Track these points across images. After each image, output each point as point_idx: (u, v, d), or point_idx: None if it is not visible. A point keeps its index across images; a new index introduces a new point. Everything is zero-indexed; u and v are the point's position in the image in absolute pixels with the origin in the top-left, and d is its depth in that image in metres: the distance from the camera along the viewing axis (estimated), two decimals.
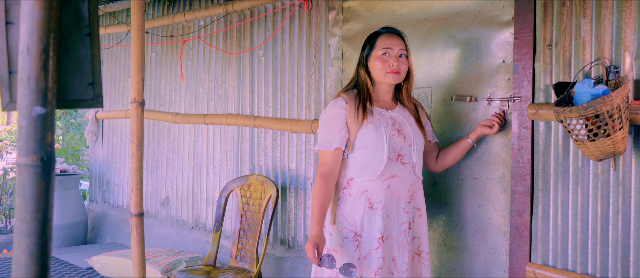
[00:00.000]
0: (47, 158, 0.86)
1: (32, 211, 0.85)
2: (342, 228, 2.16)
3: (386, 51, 2.20)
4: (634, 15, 2.19)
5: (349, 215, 2.17)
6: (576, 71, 2.34)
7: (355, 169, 2.18)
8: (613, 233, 2.26)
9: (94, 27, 1.04)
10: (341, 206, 2.19)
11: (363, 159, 2.16)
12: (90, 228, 5.25)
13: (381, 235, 2.15)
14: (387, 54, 2.20)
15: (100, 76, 1.05)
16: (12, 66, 0.95)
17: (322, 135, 2.19)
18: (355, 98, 2.20)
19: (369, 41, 2.27)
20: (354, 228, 2.16)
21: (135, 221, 2.19)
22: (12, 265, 0.86)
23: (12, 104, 0.96)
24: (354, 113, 2.16)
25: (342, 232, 2.16)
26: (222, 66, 4.03)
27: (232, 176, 3.94)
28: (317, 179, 2.16)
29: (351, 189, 2.19)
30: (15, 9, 0.95)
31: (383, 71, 2.20)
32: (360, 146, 2.17)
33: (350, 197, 2.19)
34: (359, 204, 2.16)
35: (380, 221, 2.15)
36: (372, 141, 2.15)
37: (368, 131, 2.15)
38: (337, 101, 2.22)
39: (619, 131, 2.02)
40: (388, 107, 2.28)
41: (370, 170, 2.15)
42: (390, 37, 2.23)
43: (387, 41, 2.22)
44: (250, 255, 3.35)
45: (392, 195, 2.19)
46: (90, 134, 5.38)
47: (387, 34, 2.25)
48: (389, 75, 2.20)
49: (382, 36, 2.24)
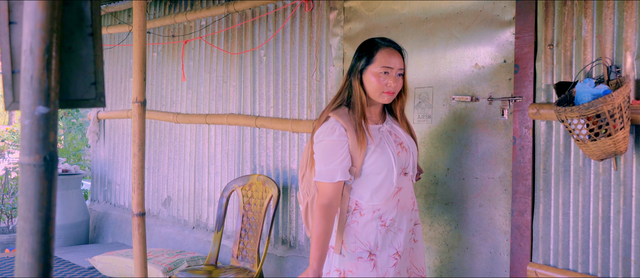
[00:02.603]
0: (49, 157, 0.86)
1: (35, 210, 0.85)
2: (356, 248, 2.04)
3: (386, 71, 2.01)
4: (635, 15, 2.19)
5: (361, 234, 2.04)
6: (577, 71, 2.34)
7: (364, 194, 2.04)
8: (614, 233, 2.26)
9: (97, 27, 1.04)
10: (352, 226, 2.06)
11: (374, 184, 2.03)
12: (92, 228, 5.26)
13: (396, 251, 2.06)
14: (386, 74, 2.01)
15: (102, 76, 1.05)
16: (15, 66, 0.96)
17: (322, 165, 2.00)
18: (349, 120, 2.02)
19: (366, 52, 2.07)
20: (368, 248, 2.04)
21: (136, 221, 2.19)
22: (15, 264, 0.86)
23: (15, 103, 0.96)
24: (356, 139, 1.99)
25: (355, 252, 2.04)
26: (224, 65, 4.03)
27: (234, 176, 3.94)
28: (317, 211, 1.98)
29: (362, 209, 2.06)
30: (18, 9, 0.95)
31: (379, 90, 2.02)
32: (369, 172, 2.02)
33: (361, 216, 2.06)
34: (371, 223, 2.04)
35: (394, 238, 2.07)
36: (382, 165, 2.01)
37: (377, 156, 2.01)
38: (334, 128, 2.00)
39: (620, 131, 2.02)
40: (380, 121, 2.14)
41: (381, 194, 2.03)
42: (391, 55, 2.03)
43: (388, 59, 2.02)
44: (252, 254, 3.36)
45: (401, 208, 2.10)
46: (92, 134, 5.39)
47: (387, 49, 2.04)
48: (384, 95, 2.03)
49: (382, 50, 2.04)
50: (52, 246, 0.87)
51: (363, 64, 2.05)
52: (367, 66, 2.04)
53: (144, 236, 2.21)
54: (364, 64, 2.05)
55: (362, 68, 2.05)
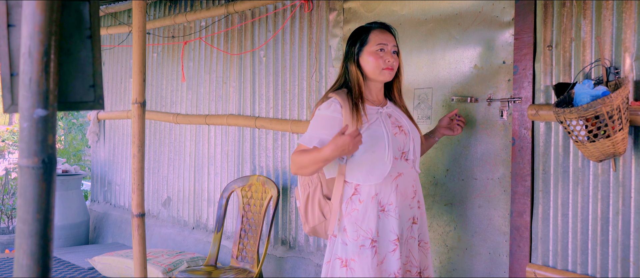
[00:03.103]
0: (48, 159, 0.86)
1: (33, 212, 0.85)
2: (358, 236, 2.06)
3: (382, 47, 2.12)
4: (634, 16, 2.19)
5: (363, 222, 2.07)
6: (576, 72, 2.34)
7: (359, 175, 2.09)
8: (613, 234, 2.26)
9: (95, 29, 1.05)
10: (352, 215, 2.08)
11: (368, 163, 2.07)
12: (92, 228, 5.27)
13: (397, 237, 2.08)
14: (382, 50, 2.12)
15: (101, 78, 1.05)
16: (14, 69, 0.96)
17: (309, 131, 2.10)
18: (347, 99, 2.10)
19: (359, 36, 2.17)
20: (370, 235, 2.06)
21: (136, 221, 2.19)
22: (14, 265, 0.87)
23: (13, 106, 0.97)
24: (350, 116, 2.06)
25: (357, 241, 2.06)
26: (223, 66, 4.04)
27: (233, 177, 3.94)
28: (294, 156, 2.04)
29: (360, 195, 2.09)
30: (17, 12, 0.96)
31: (378, 67, 2.11)
32: (363, 149, 2.07)
33: (360, 203, 2.09)
34: (371, 209, 2.07)
35: (395, 223, 2.08)
36: (375, 142, 2.07)
37: (370, 133, 2.07)
38: (330, 103, 2.10)
39: (618, 132, 2.02)
40: (381, 104, 2.20)
41: (376, 173, 2.07)
42: (383, 33, 2.15)
43: (382, 36, 2.13)
44: (251, 255, 3.36)
45: (401, 194, 2.12)
46: (92, 135, 5.39)
47: (379, 30, 2.16)
48: (384, 72, 2.12)
49: (374, 31, 2.15)
50: (50, 248, 0.87)
51: (358, 47, 2.15)
52: (363, 47, 2.14)
53: (144, 237, 2.21)
54: (359, 47, 2.15)
55: (358, 51, 2.15)
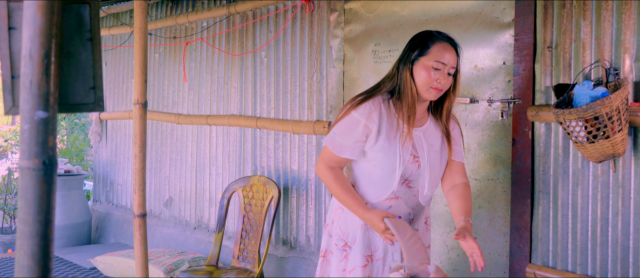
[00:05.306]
0: (49, 161, 0.87)
1: (34, 213, 0.86)
2: (336, 234, 2.06)
3: (438, 66, 1.89)
4: (633, 17, 2.19)
5: (345, 223, 2.04)
6: (576, 73, 2.35)
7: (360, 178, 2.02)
8: (613, 235, 2.27)
9: (95, 31, 1.06)
10: (338, 213, 2.07)
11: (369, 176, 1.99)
12: (94, 228, 5.28)
13: (371, 253, 2.02)
14: (437, 69, 1.89)
15: (101, 80, 1.06)
16: (15, 71, 0.97)
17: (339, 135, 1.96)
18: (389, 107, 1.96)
19: (420, 42, 1.95)
20: (345, 238, 2.03)
21: (138, 221, 2.20)
22: (15, 266, 0.87)
23: (14, 108, 0.98)
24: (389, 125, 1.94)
25: (333, 238, 2.07)
26: (225, 67, 4.05)
27: (235, 177, 3.95)
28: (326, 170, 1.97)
29: None
30: (18, 15, 0.97)
31: (427, 84, 1.90)
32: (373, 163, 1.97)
33: None
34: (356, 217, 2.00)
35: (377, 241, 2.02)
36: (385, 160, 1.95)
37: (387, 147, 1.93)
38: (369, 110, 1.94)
39: (618, 133, 2.03)
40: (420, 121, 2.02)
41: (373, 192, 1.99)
42: (446, 50, 1.91)
43: (443, 53, 1.90)
44: (253, 255, 3.37)
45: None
46: (94, 135, 5.41)
47: (444, 43, 1.92)
48: (431, 91, 1.91)
49: (438, 43, 1.92)
50: (51, 249, 0.88)
51: (416, 54, 1.94)
52: (420, 57, 1.93)
53: (145, 237, 2.22)
54: (417, 55, 1.93)
55: (415, 58, 1.94)
